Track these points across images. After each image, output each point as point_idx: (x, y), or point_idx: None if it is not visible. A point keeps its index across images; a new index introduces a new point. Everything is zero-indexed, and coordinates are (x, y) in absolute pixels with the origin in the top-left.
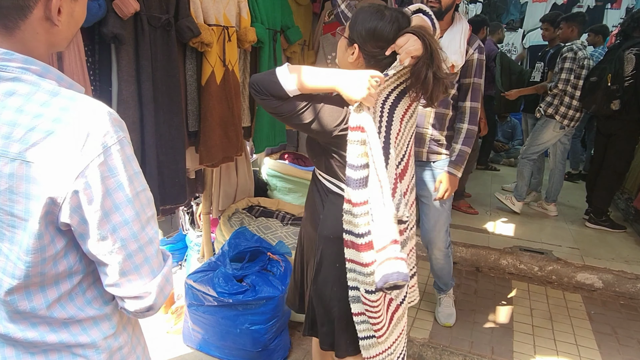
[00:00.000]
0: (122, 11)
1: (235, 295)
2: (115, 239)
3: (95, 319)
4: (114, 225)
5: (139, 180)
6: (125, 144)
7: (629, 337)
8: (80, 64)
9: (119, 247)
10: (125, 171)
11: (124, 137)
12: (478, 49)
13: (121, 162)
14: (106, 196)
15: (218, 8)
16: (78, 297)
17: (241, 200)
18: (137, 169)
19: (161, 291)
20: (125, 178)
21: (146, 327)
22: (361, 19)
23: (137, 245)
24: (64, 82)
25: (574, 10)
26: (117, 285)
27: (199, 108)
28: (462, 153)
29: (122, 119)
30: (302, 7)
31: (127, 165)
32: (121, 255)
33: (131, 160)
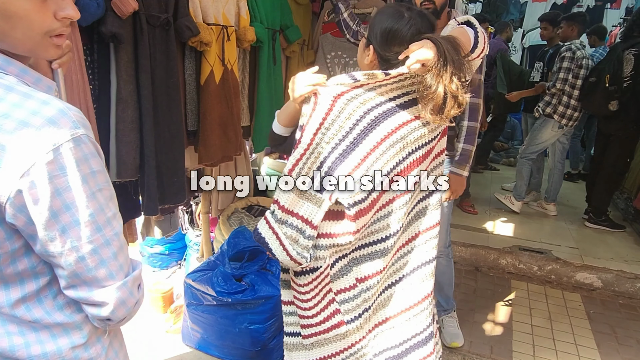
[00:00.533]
0: (120, 10)
1: (234, 294)
2: (64, 240)
3: (65, 326)
4: (63, 225)
5: (96, 179)
6: (82, 141)
7: (628, 337)
8: (79, 62)
9: (70, 249)
10: (79, 170)
11: (82, 135)
12: None
13: (73, 160)
14: (55, 196)
15: (217, 7)
16: (47, 300)
17: (240, 200)
18: (97, 168)
19: (122, 303)
20: (77, 177)
21: (145, 326)
22: (378, 20)
23: (90, 247)
24: (28, 77)
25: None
26: (73, 288)
27: (198, 107)
28: (465, 152)
29: (121, 117)
30: (301, 7)
31: (83, 164)
32: (72, 257)
33: (89, 159)
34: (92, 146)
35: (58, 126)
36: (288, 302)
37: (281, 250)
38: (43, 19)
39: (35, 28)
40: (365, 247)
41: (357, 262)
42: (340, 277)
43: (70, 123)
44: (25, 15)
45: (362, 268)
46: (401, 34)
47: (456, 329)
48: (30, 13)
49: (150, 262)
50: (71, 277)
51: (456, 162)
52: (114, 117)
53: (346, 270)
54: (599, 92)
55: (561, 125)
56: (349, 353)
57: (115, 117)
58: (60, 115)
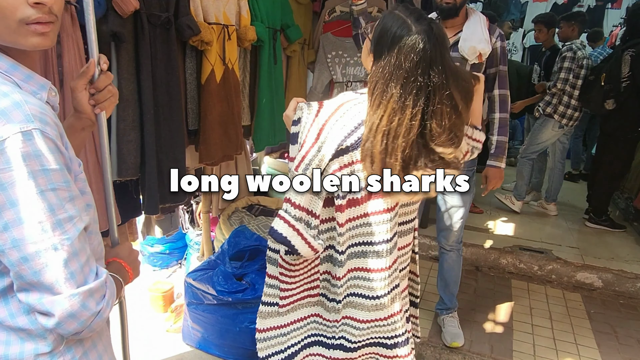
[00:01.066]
0: (122, 9)
1: (234, 293)
2: (6, 238)
3: (28, 331)
4: (6, 222)
5: (49, 177)
6: (34, 136)
7: (628, 337)
8: (80, 61)
9: (11, 248)
10: (26, 165)
11: (35, 129)
12: (500, 37)
13: (20, 155)
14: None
15: (218, 7)
16: (14, 301)
17: (241, 199)
18: (52, 166)
19: (70, 316)
20: (24, 173)
21: (145, 326)
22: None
23: (34, 249)
24: (18, 73)
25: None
26: (25, 292)
27: (198, 106)
28: (501, 144)
29: (122, 116)
30: (302, 6)
31: (31, 159)
32: (14, 256)
33: (40, 155)
34: (50, 142)
35: (7, 119)
36: (273, 276)
37: (304, 244)
38: (14, 5)
39: (8, 15)
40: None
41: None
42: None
43: (23, 116)
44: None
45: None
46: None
47: (457, 329)
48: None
49: (151, 262)
50: (17, 279)
51: (492, 154)
52: (115, 116)
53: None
54: (595, 91)
55: (561, 125)
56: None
57: (116, 116)
58: (14, 107)
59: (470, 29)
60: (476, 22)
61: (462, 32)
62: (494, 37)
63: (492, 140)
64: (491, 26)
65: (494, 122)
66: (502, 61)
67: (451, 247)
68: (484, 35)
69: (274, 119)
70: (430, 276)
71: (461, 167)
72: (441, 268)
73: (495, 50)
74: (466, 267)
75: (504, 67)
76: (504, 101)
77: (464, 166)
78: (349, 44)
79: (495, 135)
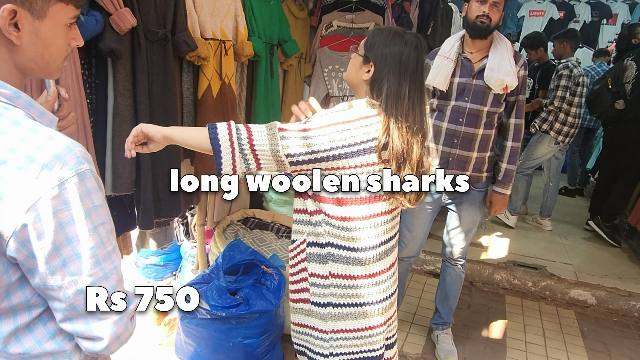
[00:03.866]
0: (119, 26)
1: (228, 308)
2: (64, 274)
3: (54, 354)
4: (64, 259)
5: (98, 213)
6: (86, 176)
7: (621, 355)
8: (76, 77)
9: (69, 282)
10: (82, 204)
11: (87, 170)
12: (523, 66)
13: (78, 195)
14: (58, 230)
15: (215, 22)
16: (38, 328)
17: (236, 212)
18: (99, 202)
19: (117, 338)
20: (81, 211)
21: (138, 339)
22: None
23: (90, 280)
24: (34, 110)
25: (570, 25)
26: (69, 321)
27: (195, 121)
28: (509, 172)
29: (118, 131)
30: (299, 21)
31: (86, 198)
32: (71, 290)
33: (91, 193)
34: (95, 181)
35: (63, 162)
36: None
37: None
38: (64, 48)
39: (62, 54)
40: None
41: (333, 258)
42: (315, 262)
43: (75, 159)
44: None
45: (337, 265)
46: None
47: (451, 346)
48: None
49: (145, 273)
50: (69, 310)
51: (499, 182)
52: (110, 131)
53: (321, 259)
54: (603, 96)
55: (557, 142)
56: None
57: (112, 131)
58: (66, 151)
59: (497, 57)
60: (503, 50)
61: (489, 60)
62: (518, 65)
63: (500, 167)
64: (516, 54)
65: (504, 150)
66: (522, 90)
67: (456, 261)
68: (512, 67)
69: None
70: (425, 291)
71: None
72: (443, 281)
73: (518, 79)
74: None
75: (523, 96)
76: (518, 130)
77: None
78: (345, 58)
79: (505, 163)
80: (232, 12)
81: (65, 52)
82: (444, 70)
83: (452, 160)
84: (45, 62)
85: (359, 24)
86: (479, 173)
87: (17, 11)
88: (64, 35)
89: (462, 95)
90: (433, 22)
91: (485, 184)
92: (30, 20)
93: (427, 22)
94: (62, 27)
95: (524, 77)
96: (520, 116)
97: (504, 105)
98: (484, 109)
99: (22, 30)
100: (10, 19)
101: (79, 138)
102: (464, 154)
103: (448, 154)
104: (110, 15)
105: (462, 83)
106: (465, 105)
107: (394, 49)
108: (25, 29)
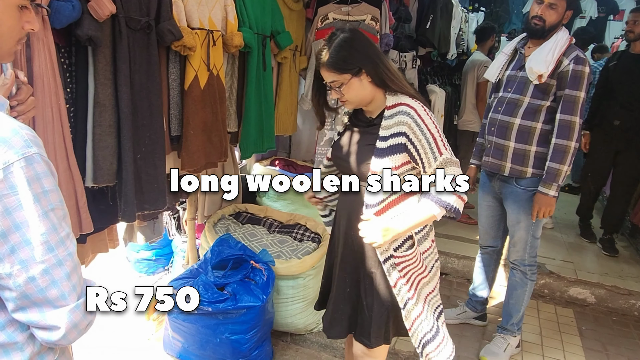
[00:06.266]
0: (97, 13)
1: (215, 303)
2: (14, 261)
3: (5, 346)
4: (12, 245)
5: (49, 198)
6: (34, 160)
7: (619, 355)
8: (51, 65)
9: (19, 269)
10: (30, 189)
11: (35, 154)
12: (574, 60)
13: (25, 179)
14: (4, 215)
15: (203, 11)
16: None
17: (228, 207)
18: (49, 187)
19: (74, 327)
20: (29, 196)
21: (126, 333)
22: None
23: (42, 267)
24: None
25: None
26: (22, 311)
27: (182, 112)
28: (551, 170)
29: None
30: (294, 12)
31: (34, 182)
32: (21, 277)
33: (41, 178)
34: (45, 165)
35: (9, 145)
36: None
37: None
38: (19, 29)
39: (14, 36)
40: None
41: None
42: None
43: (22, 142)
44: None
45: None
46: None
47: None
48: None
49: (137, 268)
50: (20, 299)
51: (542, 180)
52: (91, 121)
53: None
54: None
55: None
56: None
57: (93, 121)
58: (12, 134)
59: (538, 50)
60: (550, 43)
61: (533, 53)
62: (567, 59)
63: (546, 165)
64: (570, 47)
65: (550, 146)
66: (571, 85)
67: (514, 265)
68: (548, 56)
69: (261, 126)
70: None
71: None
72: (507, 289)
73: (565, 72)
74: (458, 280)
75: (571, 91)
76: (563, 127)
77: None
78: None
79: (548, 160)
80: (222, 1)
81: (17, 34)
82: (497, 63)
83: (490, 148)
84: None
85: (355, 16)
86: (520, 166)
87: None
88: (15, 16)
89: (507, 86)
90: (432, 16)
91: (530, 182)
92: None
93: (426, 16)
94: (13, 8)
95: (574, 72)
96: (566, 112)
97: (552, 98)
98: (524, 99)
99: None
100: None
101: (54, 126)
102: (500, 142)
103: (488, 142)
104: (89, 1)
105: (511, 75)
106: (507, 95)
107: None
108: None
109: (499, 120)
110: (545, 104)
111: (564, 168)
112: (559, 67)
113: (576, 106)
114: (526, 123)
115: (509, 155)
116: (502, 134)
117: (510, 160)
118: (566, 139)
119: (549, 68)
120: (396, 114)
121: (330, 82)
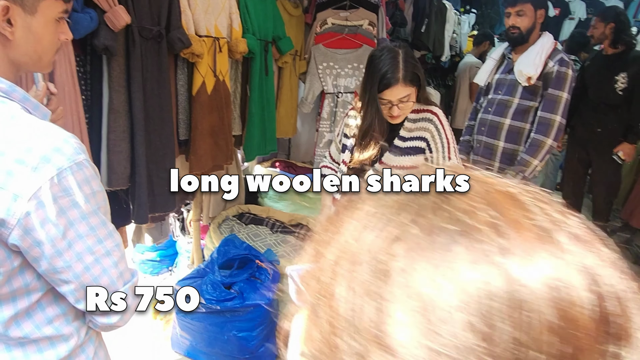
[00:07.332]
0: (113, 24)
1: (222, 302)
2: (71, 254)
3: (52, 339)
4: (69, 241)
5: (97, 198)
6: (83, 165)
7: None
8: (71, 74)
9: (76, 261)
10: (81, 191)
11: (84, 160)
12: (559, 62)
13: (76, 183)
14: (60, 214)
15: (209, 19)
16: (37, 314)
17: (231, 208)
18: (97, 188)
19: (128, 309)
20: (81, 197)
21: (134, 332)
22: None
23: (93, 258)
24: (29, 103)
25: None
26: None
27: (189, 117)
28: (521, 161)
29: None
30: (294, 18)
31: (84, 185)
32: (79, 268)
33: (90, 181)
34: (92, 169)
35: (61, 153)
36: None
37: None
38: (55, 42)
39: (53, 47)
40: None
41: None
42: None
43: (73, 150)
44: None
45: None
46: None
47: None
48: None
49: (142, 269)
50: (78, 290)
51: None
52: (106, 127)
53: None
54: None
55: None
56: None
57: (107, 127)
58: (64, 143)
59: (526, 54)
60: (537, 47)
61: (520, 57)
62: (552, 61)
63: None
64: (555, 51)
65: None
66: (554, 85)
67: None
68: (536, 60)
69: (264, 129)
70: None
71: None
72: None
73: (550, 74)
74: None
75: (554, 90)
76: (542, 123)
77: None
78: (340, 55)
79: (521, 152)
80: (227, 9)
81: (55, 46)
82: (486, 67)
83: (480, 147)
84: (38, 56)
85: (353, 21)
86: (508, 166)
87: (9, 7)
88: (54, 29)
89: (497, 89)
90: (427, 20)
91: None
92: (23, 16)
93: (421, 20)
94: (52, 21)
95: (559, 72)
96: (547, 109)
97: (540, 99)
98: (514, 100)
99: (15, 26)
100: (4, 15)
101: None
102: (490, 142)
103: (477, 141)
104: (105, 12)
105: (500, 79)
106: (497, 96)
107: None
108: (18, 24)
109: (489, 120)
110: (534, 104)
111: (534, 162)
112: (545, 68)
113: (557, 105)
114: (516, 123)
115: (498, 154)
116: (492, 133)
117: (499, 159)
118: (543, 134)
119: (537, 70)
120: (420, 120)
121: (402, 97)
